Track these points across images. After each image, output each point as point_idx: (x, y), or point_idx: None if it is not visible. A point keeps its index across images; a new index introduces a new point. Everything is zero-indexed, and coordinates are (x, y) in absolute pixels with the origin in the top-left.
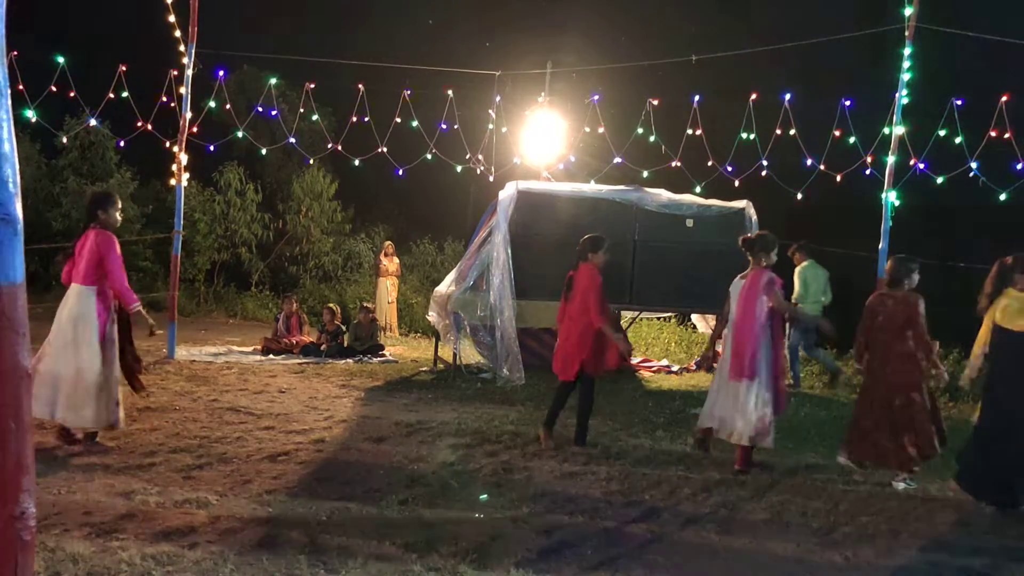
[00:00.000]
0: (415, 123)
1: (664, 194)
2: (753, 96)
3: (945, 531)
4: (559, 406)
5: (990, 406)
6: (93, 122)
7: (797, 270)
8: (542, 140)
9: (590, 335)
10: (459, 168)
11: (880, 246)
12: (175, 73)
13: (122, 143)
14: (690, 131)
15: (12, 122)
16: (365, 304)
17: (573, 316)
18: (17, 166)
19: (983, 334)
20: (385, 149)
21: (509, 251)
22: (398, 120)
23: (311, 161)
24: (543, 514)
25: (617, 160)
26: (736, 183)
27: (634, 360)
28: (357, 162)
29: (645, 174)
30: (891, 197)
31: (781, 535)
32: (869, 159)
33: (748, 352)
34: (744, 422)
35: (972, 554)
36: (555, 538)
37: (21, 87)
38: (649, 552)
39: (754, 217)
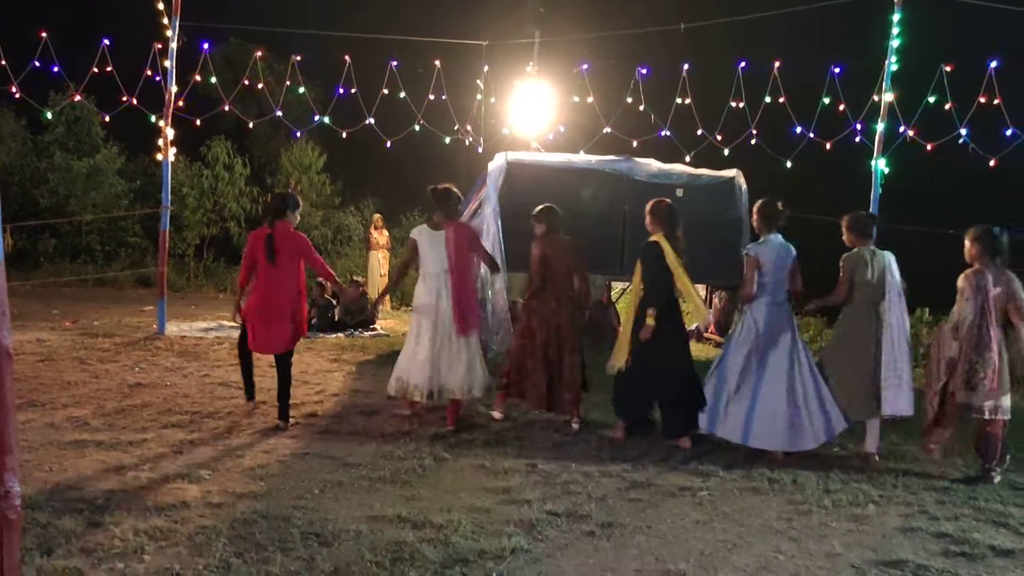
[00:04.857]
0: (403, 94)
1: (654, 164)
2: (742, 64)
3: (929, 500)
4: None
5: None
6: (78, 97)
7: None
8: (531, 111)
9: (300, 301)
10: (448, 140)
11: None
12: (159, 46)
13: (107, 118)
14: (679, 100)
15: None
16: (355, 278)
17: (283, 281)
18: None
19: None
20: (373, 121)
21: (499, 223)
22: (385, 92)
23: (299, 134)
24: (537, 484)
25: (606, 130)
26: (726, 152)
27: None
28: (345, 135)
29: (635, 144)
30: (880, 164)
31: (772, 502)
32: (859, 126)
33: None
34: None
35: (952, 519)
36: (548, 507)
37: (4, 62)
38: (642, 520)
39: (744, 186)
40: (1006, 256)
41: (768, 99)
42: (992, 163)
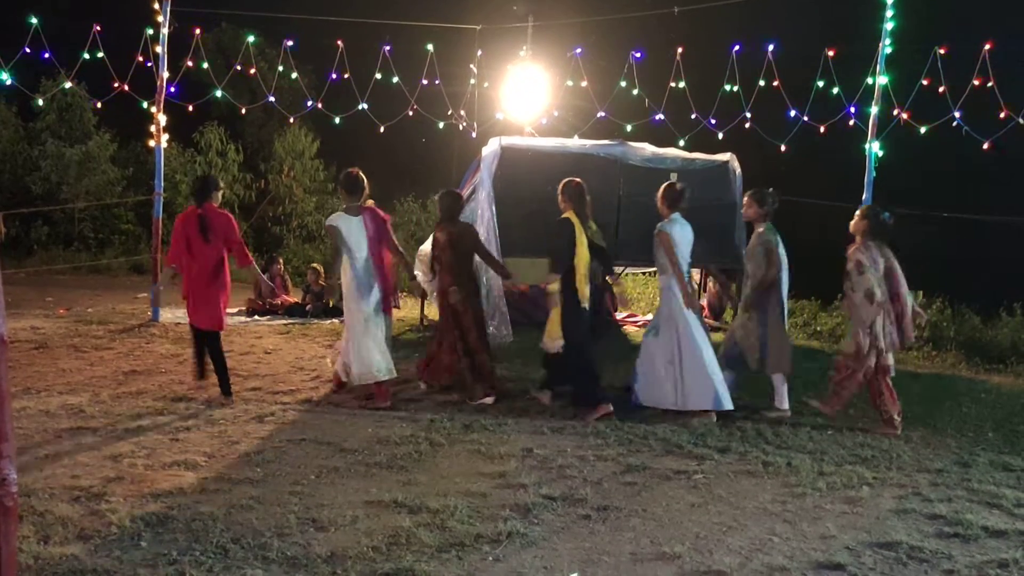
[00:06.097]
0: (396, 79)
1: (648, 148)
2: (736, 47)
3: (923, 482)
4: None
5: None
6: (69, 84)
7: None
8: (524, 95)
9: (227, 275)
10: (441, 124)
11: (863, 197)
12: (151, 32)
13: (99, 104)
14: (673, 84)
15: None
16: None
17: (216, 258)
18: None
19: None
20: (366, 106)
21: (494, 208)
22: (378, 76)
23: (292, 120)
24: (533, 469)
25: (600, 114)
26: (720, 136)
27: (620, 315)
28: (338, 120)
29: (629, 128)
30: (875, 148)
31: (767, 485)
32: (852, 110)
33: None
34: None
35: (945, 501)
36: (544, 491)
37: None
38: (638, 503)
39: (738, 170)
40: (887, 238)
41: (762, 82)
42: (985, 146)
